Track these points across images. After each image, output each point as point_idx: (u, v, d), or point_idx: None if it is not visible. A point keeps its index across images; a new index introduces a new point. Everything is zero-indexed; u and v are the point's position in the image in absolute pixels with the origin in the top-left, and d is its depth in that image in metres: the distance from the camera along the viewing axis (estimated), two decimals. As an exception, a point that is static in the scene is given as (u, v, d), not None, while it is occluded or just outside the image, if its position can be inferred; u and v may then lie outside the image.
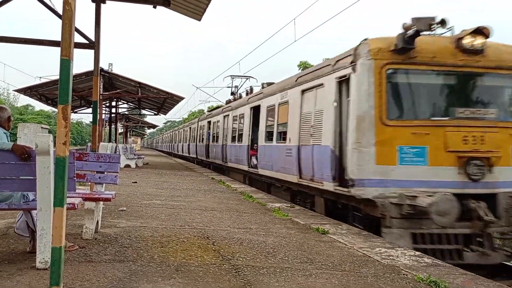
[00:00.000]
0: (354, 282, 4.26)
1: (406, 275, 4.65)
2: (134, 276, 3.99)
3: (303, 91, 10.61)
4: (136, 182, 13.39)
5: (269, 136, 13.81)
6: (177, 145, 46.43)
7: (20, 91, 23.11)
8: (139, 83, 21.49)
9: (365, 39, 7.91)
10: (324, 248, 5.70)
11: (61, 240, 3.27)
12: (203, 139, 27.42)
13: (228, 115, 20.31)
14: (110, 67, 22.32)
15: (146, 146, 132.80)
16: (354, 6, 14.03)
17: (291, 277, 4.27)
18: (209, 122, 25.32)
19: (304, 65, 36.15)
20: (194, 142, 32.10)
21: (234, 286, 3.89)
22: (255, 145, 15.39)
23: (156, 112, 32.28)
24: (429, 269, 4.93)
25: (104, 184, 5.93)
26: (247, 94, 20.70)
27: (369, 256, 5.38)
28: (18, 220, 4.68)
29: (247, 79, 25.91)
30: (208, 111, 38.89)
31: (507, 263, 7.47)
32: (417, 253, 5.83)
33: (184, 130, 40.99)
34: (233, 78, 26.37)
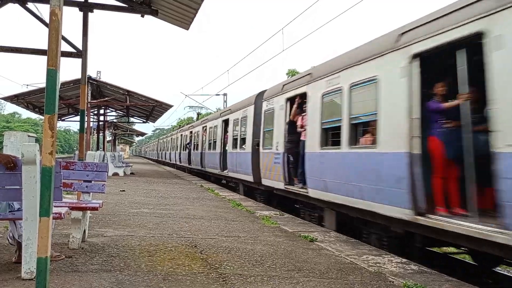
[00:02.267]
0: (341, 290, 4.28)
1: (393, 282, 4.69)
2: (121, 285, 3.97)
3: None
4: (124, 191, 13.31)
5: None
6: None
7: (6, 99, 22.91)
8: (128, 91, 21.44)
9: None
10: (312, 255, 5.73)
11: (47, 250, 3.26)
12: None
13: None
14: (99, 75, 22.26)
15: (135, 154, 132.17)
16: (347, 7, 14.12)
17: (278, 285, 4.28)
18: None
19: (292, 73, 36.32)
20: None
21: (222, 295, 3.90)
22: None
23: (144, 120, 32.20)
24: (415, 276, 4.98)
25: (91, 193, 5.91)
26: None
27: (356, 264, 5.42)
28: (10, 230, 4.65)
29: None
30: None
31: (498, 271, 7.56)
32: (404, 260, 5.88)
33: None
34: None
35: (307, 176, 9.60)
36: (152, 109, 25.34)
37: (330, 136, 8.88)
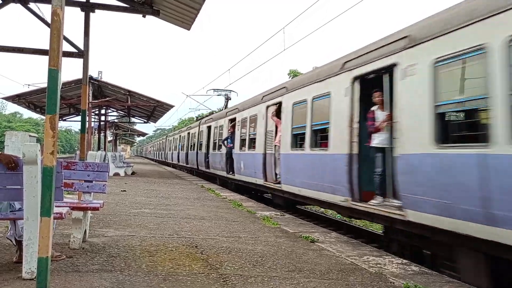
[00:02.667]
0: (342, 291, 4.28)
1: (393, 283, 4.68)
2: (122, 286, 3.98)
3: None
4: (125, 191, 13.31)
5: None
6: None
7: (8, 98, 22.94)
8: (129, 91, 21.45)
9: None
10: (313, 256, 5.73)
11: (47, 250, 3.26)
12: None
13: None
14: (100, 75, 22.26)
15: (137, 154, 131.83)
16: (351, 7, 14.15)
17: (278, 286, 4.28)
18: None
19: (293, 73, 36.31)
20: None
21: (222, 295, 3.90)
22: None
23: (145, 120, 32.21)
24: (416, 277, 4.98)
25: (92, 193, 5.91)
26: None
27: (357, 265, 5.41)
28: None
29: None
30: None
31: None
32: (405, 261, 5.88)
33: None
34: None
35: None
36: (153, 109, 25.35)
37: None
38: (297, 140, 10.83)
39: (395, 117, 6.88)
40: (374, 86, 7.83)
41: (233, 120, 17.85)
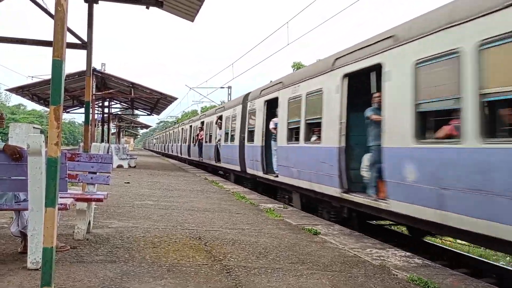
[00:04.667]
0: (345, 283, 4.29)
1: (397, 275, 4.69)
2: (126, 276, 4.00)
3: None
4: (128, 183, 13.35)
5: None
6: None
7: (12, 90, 23.01)
8: (132, 83, 21.46)
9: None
10: (316, 248, 5.74)
11: (52, 240, 3.27)
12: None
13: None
14: (103, 67, 22.26)
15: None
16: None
17: (282, 278, 4.30)
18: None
19: (297, 66, 36.19)
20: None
21: (225, 286, 3.91)
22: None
23: (149, 113, 32.24)
24: (419, 269, 4.98)
25: (96, 185, 5.93)
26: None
27: (360, 257, 5.42)
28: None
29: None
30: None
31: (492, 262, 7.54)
32: (408, 253, 5.88)
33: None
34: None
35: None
36: (157, 101, 25.37)
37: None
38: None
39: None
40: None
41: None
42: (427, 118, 6.28)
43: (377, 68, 7.43)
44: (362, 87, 8.51)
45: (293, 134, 11.13)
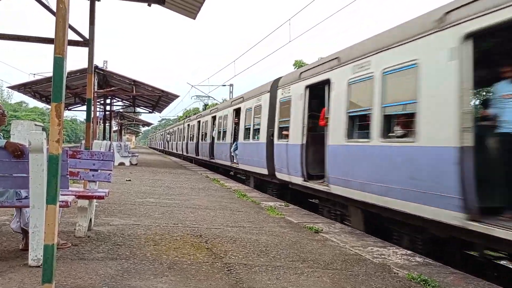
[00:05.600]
0: (345, 281, 4.29)
1: (397, 273, 4.69)
2: (127, 273, 4.00)
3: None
4: (129, 180, 13.37)
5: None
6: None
7: (14, 88, 23.01)
8: (134, 80, 21.44)
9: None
10: (317, 246, 5.74)
11: (53, 237, 3.28)
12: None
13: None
14: (105, 64, 22.25)
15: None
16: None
17: (283, 275, 4.30)
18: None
19: (298, 64, 36.15)
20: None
21: (226, 284, 3.92)
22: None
23: (151, 110, 32.24)
24: (420, 267, 4.98)
25: (97, 182, 5.94)
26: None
27: (361, 255, 5.42)
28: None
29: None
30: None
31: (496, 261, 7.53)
32: (409, 252, 5.88)
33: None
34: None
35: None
36: (158, 99, 25.36)
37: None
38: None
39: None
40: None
41: None
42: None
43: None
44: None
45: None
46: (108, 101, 27.98)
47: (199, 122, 28.18)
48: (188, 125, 33.74)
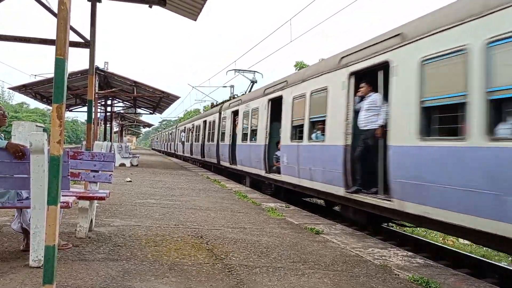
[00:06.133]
0: (346, 282, 4.29)
1: (398, 275, 4.69)
2: (127, 274, 4.00)
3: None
4: (130, 181, 13.37)
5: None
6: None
7: (15, 89, 23.03)
8: (135, 82, 21.47)
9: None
10: (318, 248, 5.74)
11: (54, 238, 3.28)
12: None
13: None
14: (106, 65, 22.27)
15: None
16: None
17: (283, 277, 4.30)
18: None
19: (299, 65, 36.16)
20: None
21: (227, 285, 3.91)
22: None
23: (151, 111, 32.26)
24: (421, 269, 4.98)
25: (98, 183, 5.94)
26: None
27: (362, 256, 5.42)
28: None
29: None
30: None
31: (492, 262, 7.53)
32: (410, 253, 5.88)
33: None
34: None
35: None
36: (159, 100, 25.37)
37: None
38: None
39: None
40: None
41: None
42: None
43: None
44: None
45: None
46: (109, 102, 28.04)
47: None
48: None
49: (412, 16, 7.86)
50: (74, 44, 8.73)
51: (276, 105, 13.12)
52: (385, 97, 7.65)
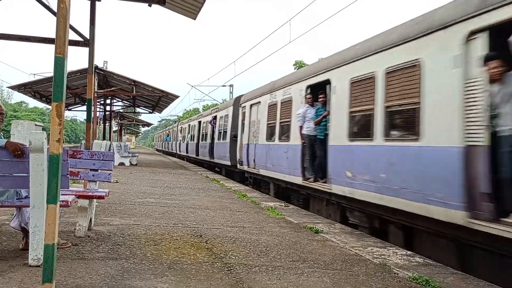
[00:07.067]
0: (346, 281, 4.29)
1: (397, 274, 4.69)
2: (127, 273, 4.00)
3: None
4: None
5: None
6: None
7: (14, 88, 23.02)
8: (134, 81, 21.45)
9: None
10: (317, 247, 5.74)
11: (54, 237, 3.28)
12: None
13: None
14: (105, 64, 22.25)
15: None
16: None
17: (283, 276, 4.30)
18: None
19: (299, 65, 36.17)
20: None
21: (226, 284, 3.92)
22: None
23: (150, 110, 32.25)
24: (420, 268, 4.98)
25: (97, 182, 5.94)
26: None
27: (361, 255, 5.42)
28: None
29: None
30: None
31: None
32: (409, 252, 5.88)
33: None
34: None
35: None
36: (158, 99, 25.36)
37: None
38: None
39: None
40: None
41: None
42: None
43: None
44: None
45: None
46: (108, 101, 28.00)
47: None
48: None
49: (412, 16, 7.85)
50: (74, 43, 8.72)
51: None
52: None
